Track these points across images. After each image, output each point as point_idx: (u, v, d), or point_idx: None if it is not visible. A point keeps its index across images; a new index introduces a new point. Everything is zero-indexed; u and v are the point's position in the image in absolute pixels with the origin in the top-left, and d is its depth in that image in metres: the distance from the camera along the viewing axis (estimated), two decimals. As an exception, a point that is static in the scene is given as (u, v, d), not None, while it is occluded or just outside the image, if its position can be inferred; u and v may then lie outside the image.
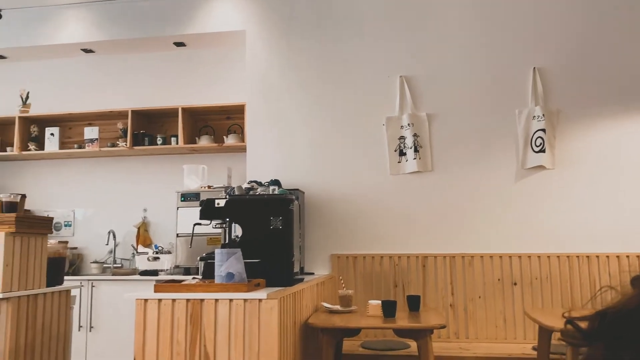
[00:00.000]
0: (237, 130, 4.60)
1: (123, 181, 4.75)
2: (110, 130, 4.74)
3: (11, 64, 5.08)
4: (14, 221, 2.47)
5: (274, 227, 2.77)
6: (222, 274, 2.45)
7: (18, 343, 2.46)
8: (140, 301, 2.35)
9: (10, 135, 4.77)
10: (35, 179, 4.88)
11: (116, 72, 4.89)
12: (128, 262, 4.58)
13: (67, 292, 2.89)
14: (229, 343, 2.25)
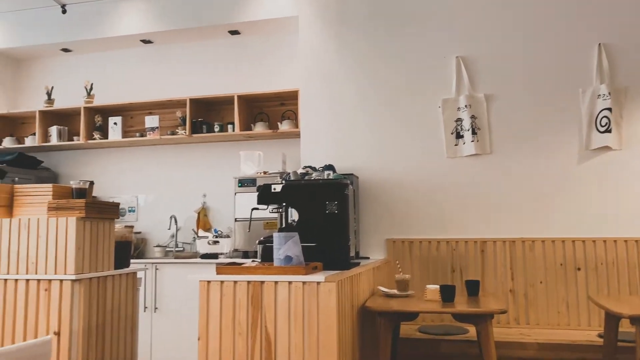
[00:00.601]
0: (291, 116, 4.64)
1: (183, 168, 4.90)
2: (169, 119, 4.89)
3: (76, 57, 5.31)
4: (84, 207, 2.60)
5: (329, 211, 2.79)
6: (280, 257, 2.50)
7: (90, 322, 2.60)
8: (204, 283, 2.43)
9: (76, 125, 5.01)
10: (101, 167, 5.11)
11: (174, 61, 5.03)
12: (189, 245, 4.73)
13: (134, 275, 3.02)
14: (288, 324, 2.30)
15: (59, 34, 5.01)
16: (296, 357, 2.27)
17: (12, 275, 2.59)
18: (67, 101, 5.13)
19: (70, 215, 2.57)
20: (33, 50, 5.24)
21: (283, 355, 2.29)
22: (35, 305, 2.55)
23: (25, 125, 5.33)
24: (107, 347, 2.71)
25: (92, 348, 2.59)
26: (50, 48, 5.17)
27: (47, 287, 2.54)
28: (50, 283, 2.53)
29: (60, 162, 5.23)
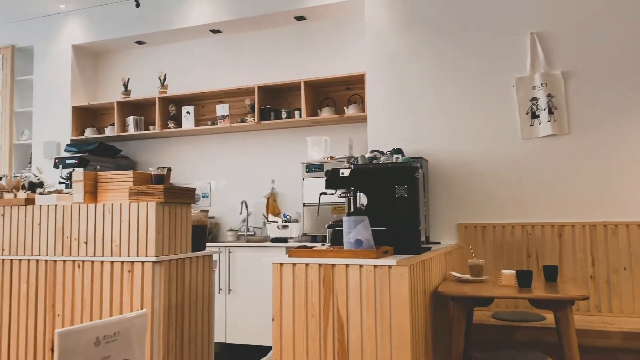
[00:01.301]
0: (357, 100, 4.62)
1: (252, 154, 5.00)
2: (239, 107, 5.00)
3: (149, 49, 5.52)
4: (162, 192, 2.72)
5: (399, 195, 2.76)
6: (350, 240, 2.51)
7: (170, 302, 2.72)
8: (277, 265, 2.48)
9: (152, 115, 5.22)
10: (175, 155, 5.31)
11: (242, 50, 5.12)
12: (260, 230, 4.85)
13: (210, 257, 3.13)
14: (360, 307, 2.31)
15: (134, 28, 5.23)
16: (369, 339, 2.28)
17: (99, 257, 2.76)
18: (142, 92, 5.35)
19: (150, 200, 2.69)
20: (110, 44, 5.49)
21: (356, 337, 2.30)
22: (120, 285, 2.70)
23: (105, 116, 5.62)
24: (186, 326, 2.84)
25: (172, 326, 2.72)
26: (125, 41, 5.40)
27: (130, 268, 2.68)
28: (133, 265, 2.67)
29: (137, 150, 5.48)
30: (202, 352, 2.97)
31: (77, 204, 2.84)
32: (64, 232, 2.85)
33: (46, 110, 5.57)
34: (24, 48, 5.81)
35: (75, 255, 2.81)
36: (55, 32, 5.60)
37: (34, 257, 2.92)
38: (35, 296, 2.90)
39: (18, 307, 2.94)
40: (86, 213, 2.81)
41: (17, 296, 2.95)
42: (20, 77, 5.80)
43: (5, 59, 5.82)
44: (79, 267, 2.80)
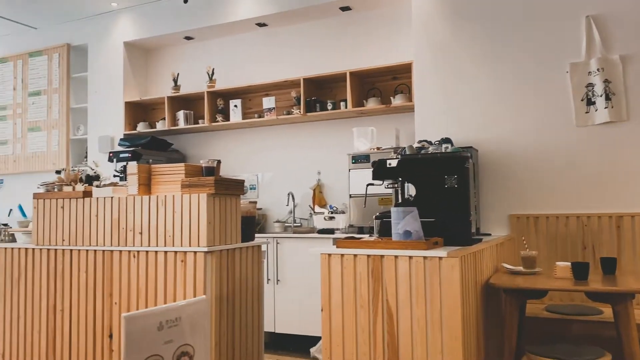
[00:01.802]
0: (404, 90, 4.56)
1: (298, 146, 5.03)
2: (285, 99, 5.02)
3: (198, 44, 5.62)
4: (213, 184, 2.77)
5: (449, 185, 2.71)
6: (399, 231, 2.49)
7: (221, 291, 2.78)
8: (325, 256, 2.49)
9: (201, 109, 5.32)
10: (223, 147, 5.41)
11: (288, 42, 5.14)
12: (306, 221, 4.88)
13: (258, 247, 3.18)
14: (410, 298, 2.29)
15: (182, 23, 5.33)
16: (419, 330, 2.26)
17: (153, 247, 2.84)
18: (191, 86, 5.46)
19: (201, 191, 2.75)
20: (159, 40, 5.63)
21: (405, 328, 2.29)
22: (173, 275, 2.77)
23: (156, 110, 5.77)
24: (237, 315, 2.89)
25: (223, 314, 2.78)
26: (174, 37, 5.52)
27: (183, 258, 2.75)
28: (186, 254, 2.74)
29: (187, 144, 5.61)
30: (252, 340, 3.03)
31: (132, 196, 2.94)
32: (119, 223, 2.95)
33: (100, 106, 5.77)
34: (78, 46, 6.03)
35: (130, 245, 2.91)
36: (107, 30, 5.78)
37: (92, 248, 3.04)
38: (94, 285, 3.02)
39: (78, 296, 3.07)
40: (140, 205, 2.90)
41: (77, 285, 3.08)
42: (76, 74, 6.02)
43: (61, 57, 6.06)
44: (135, 257, 2.89)
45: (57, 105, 6.05)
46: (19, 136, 6.30)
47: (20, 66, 6.34)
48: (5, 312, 3.35)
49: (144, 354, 0.70)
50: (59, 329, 3.13)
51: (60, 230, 3.15)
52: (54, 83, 6.09)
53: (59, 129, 6.02)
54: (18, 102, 6.34)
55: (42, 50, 6.20)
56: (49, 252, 3.19)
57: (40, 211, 3.23)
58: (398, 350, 2.29)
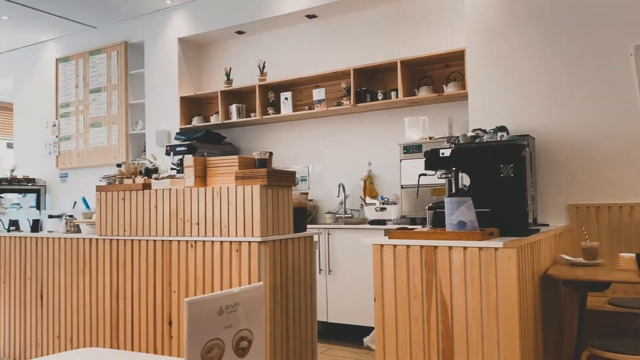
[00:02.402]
0: (456, 77, 4.46)
1: (349, 137, 5.03)
2: (335, 90, 5.03)
3: (249, 38, 5.70)
4: (265, 175, 2.82)
5: (504, 175, 2.64)
6: (453, 222, 2.45)
7: (275, 280, 2.83)
8: (377, 246, 2.49)
9: (252, 102, 5.41)
10: (274, 140, 5.47)
11: (337, 33, 5.13)
12: (357, 212, 4.87)
13: (310, 238, 3.21)
14: (465, 290, 2.26)
15: (233, 18, 5.42)
16: (474, 322, 2.23)
17: (209, 237, 2.92)
18: (243, 80, 5.55)
19: (254, 183, 2.80)
20: (212, 35, 5.74)
21: (460, 319, 2.26)
22: (229, 264, 2.85)
23: (210, 105, 5.90)
24: (290, 304, 2.94)
25: (277, 303, 2.83)
26: (226, 32, 5.62)
27: (237, 247, 2.82)
28: (240, 244, 2.81)
29: (240, 136, 5.71)
30: (306, 329, 3.07)
31: (188, 187, 3.03)
32: (177, 214, 3.05)
33: (157, 101, 5.96)
34: (135, 44, 6.24)
35: (188, 235, 3.00)
36: (162, 27, 5.95)
37: (151, 238, 3.16)
38: (154, 274, 3.14)
39: (139, 284, 3.20)
40: (197, 196, 2.98)
41: (137, 274, 3.21)
42: (133, 71, 6.24)
43: (119, 54, 6.29)
44: (192, 247, 2.99)
45: (116, 102, 6.30)
46: (82, 132, 6.60)
47: (82, 65, 6.63)
48: (72, 299, 3.53)
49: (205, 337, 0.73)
50: (122, 315, 3.27)
51: (122, 221, 3.29)
52: (113, 80, 6.33)
53: (118, 124, 6.27)
54: (80, 99, 6.64)
55: (101, 49, 6.45)
56: (111, 242, 3.34)
57: (103, 203, 3.37)
58: (453, 341, 2.26)
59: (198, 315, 0.72)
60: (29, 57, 7.19)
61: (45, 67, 7.03)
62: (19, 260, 3.86)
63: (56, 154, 6.82)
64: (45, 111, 6.98)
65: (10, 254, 3.92)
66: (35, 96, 7.14)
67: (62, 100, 6.81)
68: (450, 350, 2.27)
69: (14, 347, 3.88)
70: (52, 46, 6.97)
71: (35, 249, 3.76)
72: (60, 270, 3.61)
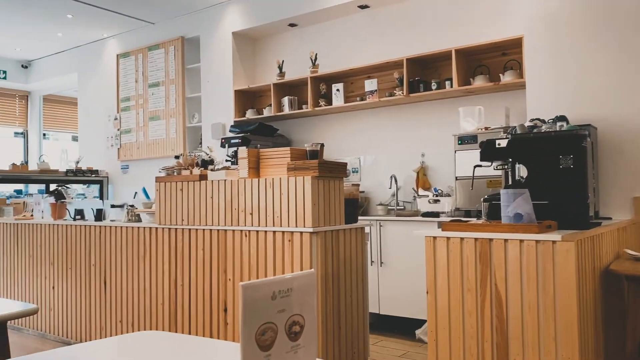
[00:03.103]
0: (514, 66, 4.33)
1: (401, 128, 4.98)
2: (387, 81, 4.98)
3: (301, 30, 5.73)
4: (317, 167, 2.84)
5: (564, 166, 2.55)
6: (509, 214, 2.39)
7: (327, 271, 2.86)
8: (430, 239, 2.46)
9: (304, 95, 5.44)
10: (326, 131, 5.49)
11: (389, 23, 5.08)
12: (410, 204, 4.83)
13: (362, 229, 3.21)
14: (521, 284, 2.20)
15: (286, 11, 5.46)
16: (530, 317, 2.17)
17: (262, 227, 2.98)
18: (295, 73, 5.59)
19: (305, 174, 2.83)
20: (265, 28, 5.81)
21: (516, 314, 2.21)
22: (281, 253, 2.89)
23: (263, 97, 5.99)
24: (342, 294, 2.96)
25: (329, 293, 2.86)
26: (279, 24, 5.67)
27: (290, 238, 2.86)
28: (293, 235, 2.85)
29: (292, 129, 5.77)
30: (357, 320, 3.08)
31: (242, 178, 3.09)
32: (232, 204, 3.13)
33: (212, 94, 6.10)
34: (191, 38, 6.41)
35: (242, 225, 3.07)
36: (217, 21, 6.07)
37: (207, 227, 3.25)
38: (210, 262, 3.24)
39: (196, 271, 3.31)
40: (250, 187, 3.04)
41: (194, 262, 3.32)
42: (190, 65, 6.41)
43: (176, 49, 6.48)
44: (246, 236, 3.05)
45: (173, 95, 6.49)
46: (141, 125, 6.85)
47: (141, 60, 6.87)
48: (133, 285, 3.69)
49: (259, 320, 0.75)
50: (180, 301, 3.39)
51: (180, 210, 3.40)
52: (171, 74, 6.53)
53: (176, 118, 6.46)
54: (140, 93, 6.89)
55: (159, 44, 6.66)
56: (169, 231, 3.46)
57: (162, 193, 3.50)
58: (507, 335, 2.22)
59: (252, 299, 0.74)
60: (92, 53, 7.52)
61: (107, 63, 7.34)
62: (84, 248, 4.07)
63: (118, 147, 7.12)
64: (107, 105, 7.29)
65: (76, 242, 4.14)
66: (98, 91, 7.46)
67: (123, 95, 7.08)
68: (504, 345, 2.22)
69: (80, 330, 4.10)
70: (113, 42, 7.25)
71: (98, 237, 3.95)
72: (122, 258, 3.78)
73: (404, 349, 3.91)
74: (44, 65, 8.32)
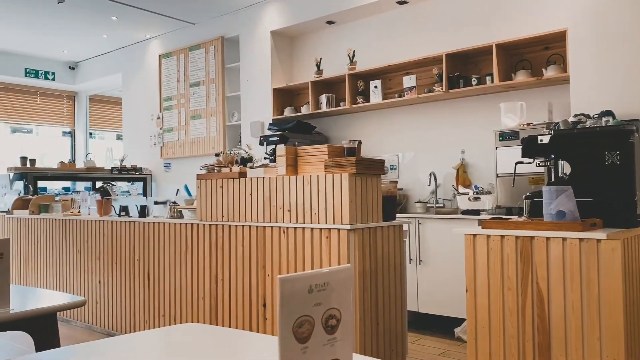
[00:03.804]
0: (557, 60, 4.21)
1: (440, 125, 4.92)
2: (426, 77, 4.93)
3: (339, 28, 5.74)
4: (354, 164, 2.85)
5: (609, 162, 2.48)
6: (551, 212, 2.34)
7: (364, 268, 2.86)
8: (469, 236, 2.43)
9: (342, 92, 5.45)
10: (364, 129, 5.48)
11: (428, 18, 5.02)
12: (449, 202, 4.77)
13: (400, 227, 3.20)
14: (563, 283, 2.15)
15: (324, 8, 5.47)
16: (573, 317, 2.12)
17: (300, 224, 3.01)
18: (333, 70, 5.60)
19: (343, 171, 2.84)
20: (303, 26, 5.84)
21: (558, 314, 2.16)
22: (319, 250, 2.91)
23: (301, 95, 6.02)
24: (380, 292, 2.96)
25: (367, 290, 2.86)
26: (317, 22, 5.69)
27: (327, 235, 2.87)
28: (330, 232, 2.86)
29: (329, 126, 5.78)
30: (395, 317, 3.08)
31: (280, 176, 3.13)
32: (270, 201, 3.17)
33: (251, 93, 6.18)
34: (231, 38, 6.50)
35: (280, 222, 3.11)
36: (256, 20, 6.14)
37: (247, 224, 3.30)
38: (249, 258, 3.29)
39: (236, 267, 3.37)
40: (288, 184, 3.07)
41: (234, 257, 3.38)
42: (229, 64, 6.51)
43: (216, 49, 6.59)
44: (284, 233, 3.09)
45: (214, 95, 6.61)
46: (183, 124, 7.00)
47: (182, 60, 7.02)
48: (175, 279, 3.79)
49: (296, 313, 0.77)
50: (220, 296, 3.46)
51: (220, 207, 3.47)
52: (211, 74, 6.65)
53: (216, 116, 6.58)
54: (181, 92, 7.04)
55: (199, 44, 6.79)
56: (210, 227, 3.53)
57: (203, 190, 3.57)
58: (550, 335, 2.17)
59: (290, 292, 0.76)
60: (136, 54, 7.73)
61: (149, 63, 7.53)
62: (128, 243, 4.20)
63: (160, 145, 7.30)
64: (150, 105, 7.48)
65: (121, 238, 4.27)
66: (141, 91, 7.67)
67: (165, 94, 7.26)
68: (546, 345, 2.18)
69: (125, 323, 4.24)
70: (155, 43, 7.44)
71: (142, 233, 4.07)
72: (164, 253, 3.88)
73: (443, 347, 3.88)
74: (90, 66, 8.61)
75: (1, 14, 6.49)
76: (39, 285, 5.10)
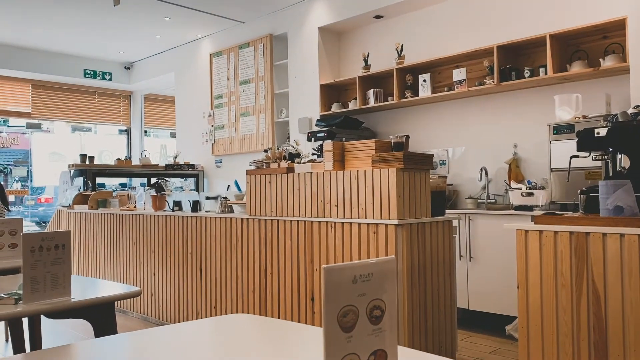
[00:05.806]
0: (616, 49, 4.03)
1: (491, 118, 4.81)
2: (476, 70, 4.83)
3: (386, 22, 5.69)
4: (402, 158, 2.83)
5: (672, 155, 2.35)
6: (609, 207, 2.25)
7: (412, 263, 2.84)
8: (521, 232, 2.38)
9: (390, 87, 5.41)
10: (412, 123, 5.42)
11: (479, 9, 4.91)
12: (501, 197, 4.66)
13: (449, 223, 3.15)
14: (621, 280, 2.07)
15: (372, 3, 5.44)
16: (632, 315, 2.03)
17: (347, 219, 3.02)
18: (380, 65, 5.57)
19: (390, 166, 2.82)
20: (351, 22, 5.83)
21: (615, 311, 2.08)
22: (367, 245, 2.91)
23: (348, 91, 6.02)
24: (429, 288, 2.93)
25: (415, 286, 2.84)
26: (364, 17, 5.67)
27: (375, 230, 2.87)
28: (378, 227, 2.86)
29: (377, 121, 5.76)
30: (445, 314, 3.04)
31: (328, 171, 3.15)
32: (318, 196, 3.19)
33: (299, 90, 6.23)
34: (279, 35, 6.57)
35: (328, 217, 3.13)
36: (303, 17, 6.18)
37: (295, 218, 3.34)
38: (297, 252, 3.33)
39: (284, 261, 3.42)
40: (335, 179, 3.09)
41: (283, 251, 3.43)
42: (278, 62, 6.58)
43: (265, 47, 6.67)
44: (332, 228, 3.11)
45: (262, 92, 6.70)
46: (233, 121, 7.14)
47: (232, 58, 7.15)
48: (226, 272, 3.88)
49: (341, 303, 0.78)
50: (269, 289, 3.52)
51: (269, 202, 3.52)
52: (260, 71, 6.74)
53: (265, 113, 6.67)
54: (231, 90, 7.18)
55: (249, 42, 6.90)
56: (259, 221, 3.60)
57: (252, 186, 3.64)
58: (606, 334, 2.09)
59: (334, 281, 0.77)
60: (187, 53, 7.94)
61: (201, 62, 7.71)
62: (181, 237, 4.33)
63: (212, 142, 7.47)
64: (202, 103, 7.66)
65: (174, 232, 4.41)
66: (193, 89, 7.87)
67: (216, 92, 7.42)
68: (603, 344, 2.10)
69: (178, 314, 4.38)
70: (206, 42, 7.61)
71: (195, 227, 4.19)
72: (216, 247, 3.98)
73: (494, 345, 3.80)
74: (144, 66, 8.90)
75: (62, 20, 6.81)
76: (97, 277, 5.34)
